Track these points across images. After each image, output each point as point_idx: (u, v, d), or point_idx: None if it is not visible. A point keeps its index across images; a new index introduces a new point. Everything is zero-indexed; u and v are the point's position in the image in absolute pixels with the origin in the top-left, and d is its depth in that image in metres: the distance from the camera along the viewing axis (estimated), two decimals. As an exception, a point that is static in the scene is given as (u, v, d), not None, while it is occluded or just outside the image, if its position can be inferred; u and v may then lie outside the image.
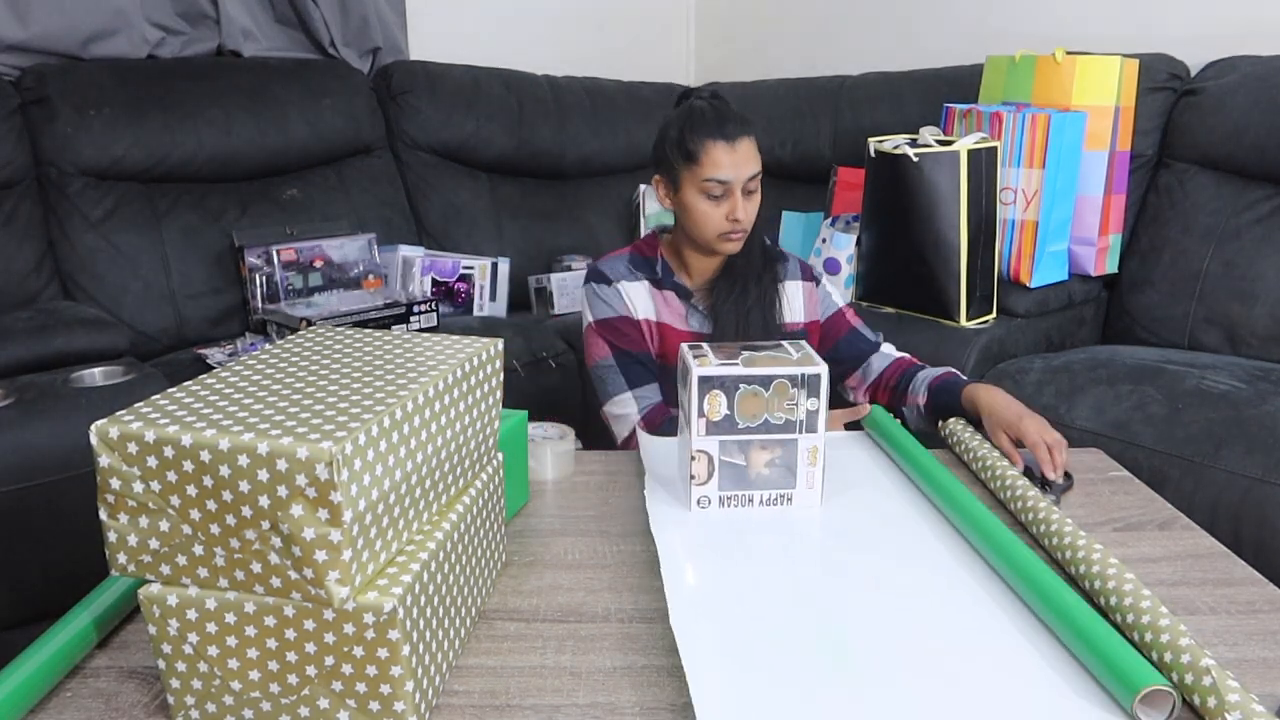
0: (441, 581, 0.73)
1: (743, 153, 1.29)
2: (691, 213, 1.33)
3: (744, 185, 1.30)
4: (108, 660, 0.79)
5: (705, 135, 1.29)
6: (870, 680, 0.73)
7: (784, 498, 1.03)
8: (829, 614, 0.83)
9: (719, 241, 1.33)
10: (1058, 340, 1.98)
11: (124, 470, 0.63)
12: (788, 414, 1.00)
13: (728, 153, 1.29)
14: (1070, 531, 0.92)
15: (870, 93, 2.53)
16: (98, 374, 1.53)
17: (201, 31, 2.26)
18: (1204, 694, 0.68)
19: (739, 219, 1.30)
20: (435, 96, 2.47)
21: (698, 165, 1.30)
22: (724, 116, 1.30)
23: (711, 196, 1.31)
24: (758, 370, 0.99)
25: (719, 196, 1.30)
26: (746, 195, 1.31)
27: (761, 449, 1.02)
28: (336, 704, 0.67)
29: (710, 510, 1.03)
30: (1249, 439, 1.40)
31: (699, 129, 1.30)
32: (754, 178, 1.31)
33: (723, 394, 0.99)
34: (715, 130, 1.29)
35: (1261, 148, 1.88)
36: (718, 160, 1.29)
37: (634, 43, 3.10)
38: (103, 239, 1.97)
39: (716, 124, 1.29)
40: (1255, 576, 0.91)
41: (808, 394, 1.00)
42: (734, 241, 1.34)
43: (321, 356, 0.79)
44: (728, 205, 1.30)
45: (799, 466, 1.02)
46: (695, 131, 1.30)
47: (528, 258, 2.54)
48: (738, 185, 1.30)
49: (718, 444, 1.01)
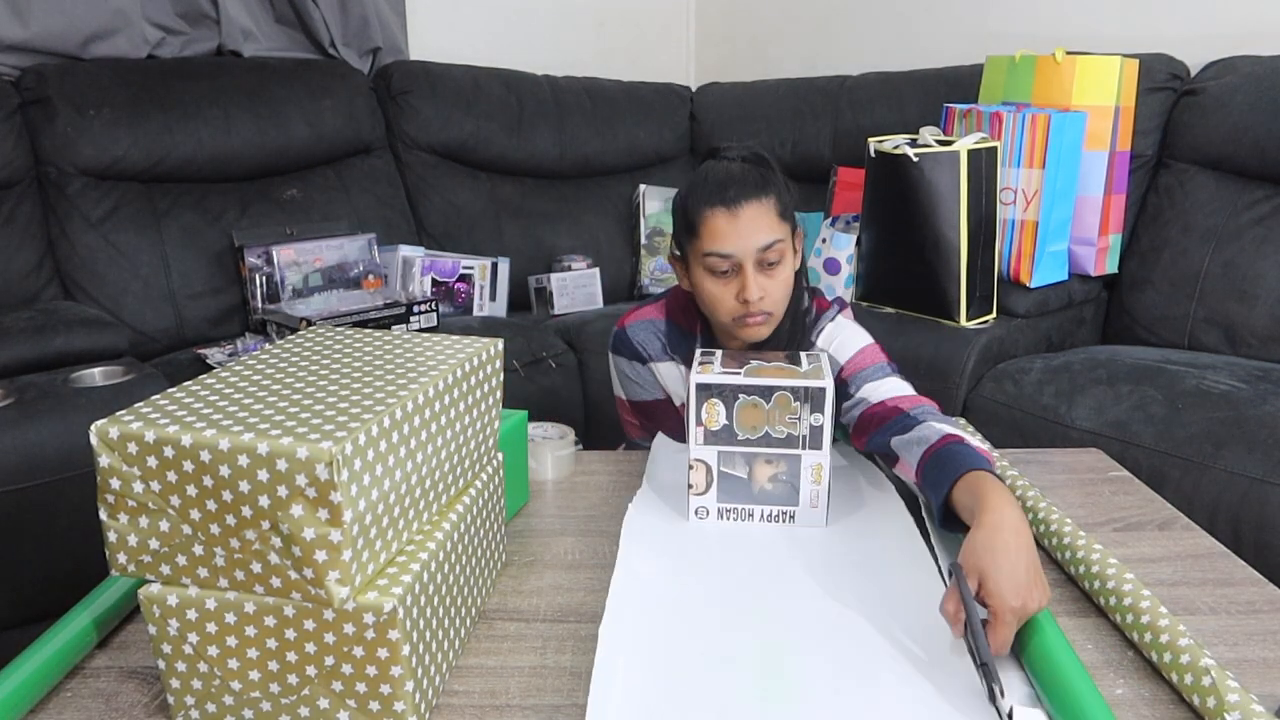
0: (441, 581, 0.73)
1: (747, 220, 1.07)
2: (700, 295, 1.13)
3: (756, 258, 1.07)
4: (108, 660, 0.79)
5: (703, 203, 1.08)
6: (787, 699, 0.71)
7: (786, 515, 1.00)
8: (777, 636, 0.79)
9: (738, 328, 1.11)
10: (1058, 340, 1.98)
11: (124, 470, 0.63)
12: (789, 428, 0.96)
13: (728, 221, 1.07)
14: (1070, 531, 0.92)
15: (870, 93, 2.53)
16: (98, 374, 1.53)
17: (201, 31, 2.26)
18: (1203, 694, 0.68)
19: (749, 299, 1.07)
20: (435, 96, 2.47)
21: (698, 239, 1.09)
22: (730, 178, 1.08)
23: (717, 273, 1.09)
24: (758, 380, 0.96)
25: (725, 273, 1.09)
26: (764, 269, 1.08)
27: (766, 463, 0.98)
28: (336, 704, 0.67)
29: (708, 521, 1.01)
30: (1249, 439, 1.40)
31: (698, 195, 1.09)
32: (770, 248, 1.07)
33: (721, 403, 0.96)
34: (715, 196, 1.08)
35: (1261, 148, 1.88)
36: (716, 231, 1.07)
37: (634, 43, 3.10)
38: (103, 239, 1.97)
39: (717, 188, 1.08)
40: (1255, 576, 0.91)
41: (811, 409, 0.95)
42: (753, 327, 1.10)
43: (321, 356, 0.79)
44: (737, 284, 1.08)
45: (802, 484, 0.98)
46: (695, 199, 1.10)
47: (528, 258, 2.53)
48: (746, 259, 1.07)
49: (716, 454, 0.98)
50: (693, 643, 0.79)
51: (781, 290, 1.10)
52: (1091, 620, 0.84)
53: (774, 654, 0.77)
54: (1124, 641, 0.80)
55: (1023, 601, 0.74)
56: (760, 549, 0.96)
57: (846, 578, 0.90)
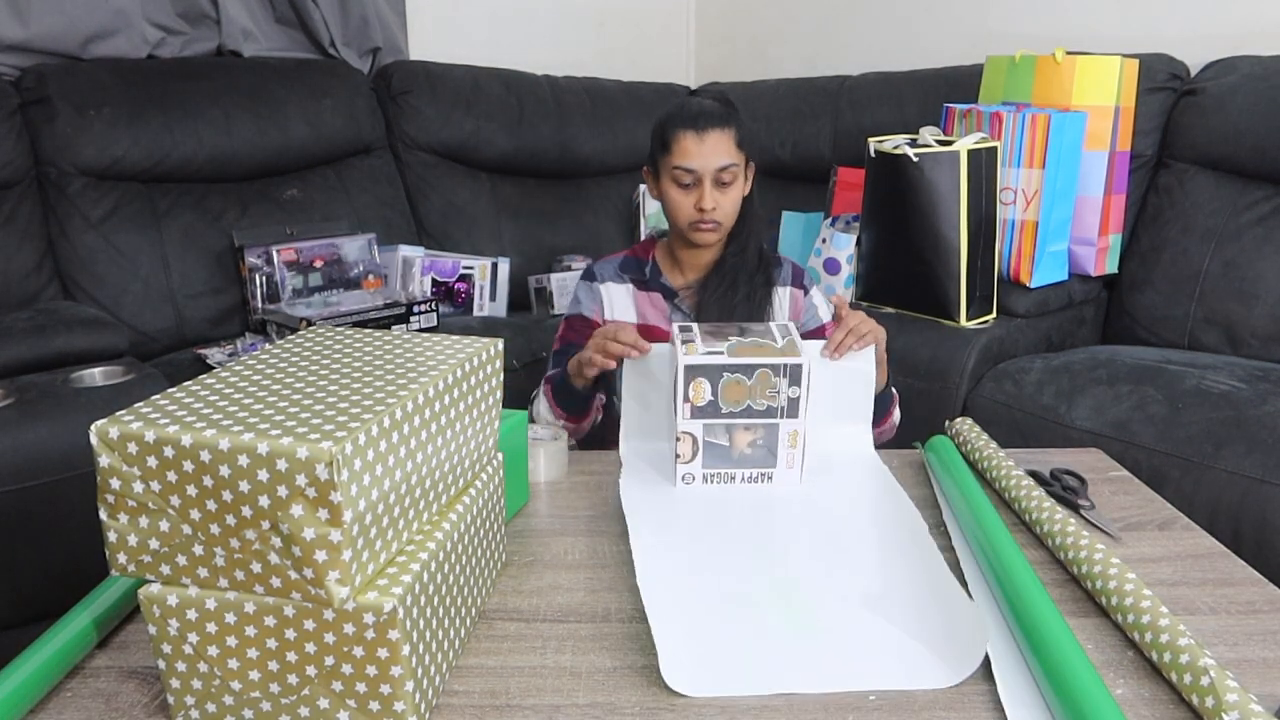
0: (441, 581, 0.73)
1: (711, 144, 1.32)
2: (665, 201, 1.38)
3: (715, 176, 1.33)
4: (108, 660, 0.79)
5: (677, 125, 1.34)
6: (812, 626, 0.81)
7: (765, 476, 1.10)
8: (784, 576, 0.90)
9: (691, 231, 1.36)
10: (1058, 340, 1.98)
11: (124, 470, 0.63)
12: (770, 400, 1.07)
13: (695, 142, 1.32)
14: (1073, 532, 0.92)
15: (870, 93, 2.53)
16: (98, 374, 1.53)
17: (201, 31, 2.26)
18: (1202, 694, 0.68)
19: (704, 208, 1.33)
20: (435, 96, 2.47)
21: (670, 154, 1.34)
22: (701, 109, 1.34)
23: (681, 185, 1.34)
24: (741, 360, 1.05)
25: (688, 185, 1.34)
26: (720, 187, 1.34)
27: (745, 430, 1.08)
28: (336, 704, 0.67)
29: (694, 486, 1.10)
30: (1249, 439, 1.40)
31: (674, 119, 1.35)
32: (726, 169, 1.33)
33: (707, 381, 1.06)
34: (688, 121, 1.33)
35: (1261, 148, 1.88)
36: (686, 149, 1.33)
37: (634, 43, 3.10)
38: (103, 239, 1.97)
39: (691, 115, 1.33)
40: (1255, 576, 0.91)
41: (789, 383, 1.06)
42: (705, 232, 1.35)
43: (321, 356, 0.79)
44: (696, 194, 1.33)
45: (780, 448, 1.09)
46: (671, 122, 1.35)
47: (528, 258, 2.54)
48: (706, 175, 1.32)
49: (702, 426, 1.08)
50: (715, 586, 0.88)
51: (731, 207, 1.35)
52: (1092, 620, 0.84)
53: (786, 591, 0.87)
54: (1124, 641, 0.80)
55: (859, 316, 1.16)
56: (748, 506, 1.06)
57: (832, 522, 1.02)
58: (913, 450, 1.25)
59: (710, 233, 1.36)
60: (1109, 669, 0.76)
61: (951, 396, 1.75)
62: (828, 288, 2.07)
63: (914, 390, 1.78)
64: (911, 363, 1.80)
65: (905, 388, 1.80)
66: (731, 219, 1.37)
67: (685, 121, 1.33)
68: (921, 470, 1.19)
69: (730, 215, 1.37)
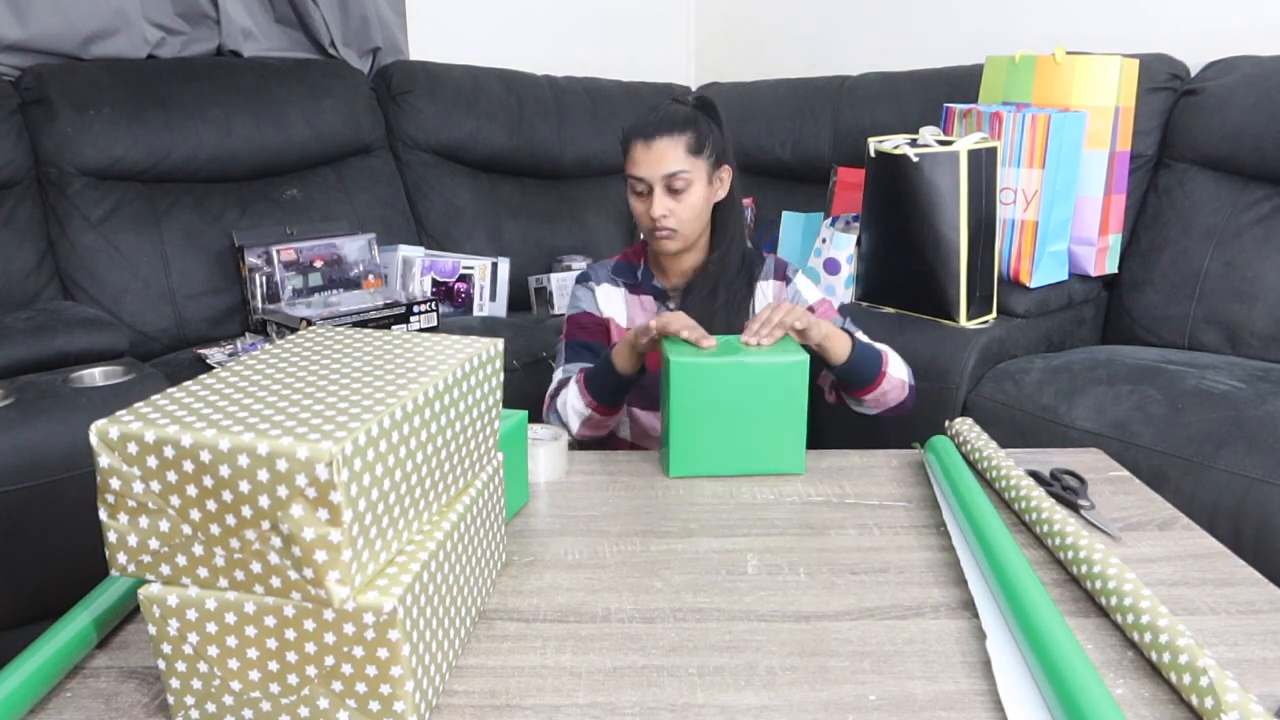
0: (441, 581, 0.73)
1: (657, 151, 1.32)
2: (631, 209, 1.40)
3: (664, 183, 1.33)
4: (108, 660, 0.79)
5: (630, 134, 1.35)
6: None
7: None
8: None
9: (652, 239, 1.37)
10: (1058, 340, 1.98)
11: (124, 470, 0.63)
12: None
13: (643, 150, 1.33)
14: (1073, 532, 0.92)
15: (870, 93, 2.53)
16: (98, 374, 1.53)
17: (201, 31, 2.26)
18: (1202, 694, 0.68)
19: (654, 216, 1.33)
20: (435, 96, 2.47)
21: (626, 162, 1.36)
22: (654, 118, 1.35)
23: (636, 193, 1.36)
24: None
25: (641, 193, 1.35)
26: (671, 194, 1.33)
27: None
28: (336, 704, 0.67)
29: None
30: (1249, 439, 1.40)
31: (630, 128, 1.36)
32: (675, 176, 1.32)
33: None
34: (638, 130, 1.34)
35: (1261, 148, 1.88)
36: (634, 158, 1.34)
37: (634, 43, 3.10)
38: (103, 239, 1.97)
39: (642, 124, 1.35)
40: (1255, 576, 0.91)
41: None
42: (663, 240, 1.36)
43: (321, 356, 0.79)
44: (648, 202, 1.34)
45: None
46: (627, 131, 1.37)
47: (528, 258, 2.53)
48: (655, 183, 1.33)
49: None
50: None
51: (687, 213, 1.34)
52: (1092, 620, 0.84)
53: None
54: (1124, 641, 0.80)
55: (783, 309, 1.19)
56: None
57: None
58: (913, 450, 1.25)
59: (667, 240, 1.36)
60: (1109, 669, 0.76)
61: (951, 396, 1.75)
62: (828, 288, 2.07)
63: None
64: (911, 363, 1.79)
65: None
66: (690, 225, 1.36)
67: (636, 130, 1.35)
68: (921, 470, 1.19)
69: (687, 222, 1.35)
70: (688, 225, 1.35)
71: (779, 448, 1.15)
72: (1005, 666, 0.75)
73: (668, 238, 1.35)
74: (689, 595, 0.89)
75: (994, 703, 0.72)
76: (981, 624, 0.81)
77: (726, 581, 0.91)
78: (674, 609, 0.86)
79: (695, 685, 0.75)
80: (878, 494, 1.12)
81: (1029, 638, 0.75)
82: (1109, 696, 0.67)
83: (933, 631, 0.82)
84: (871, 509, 1.08)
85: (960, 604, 0.87)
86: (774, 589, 0.90)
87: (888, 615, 0.85)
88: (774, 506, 1.08)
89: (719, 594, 0.89)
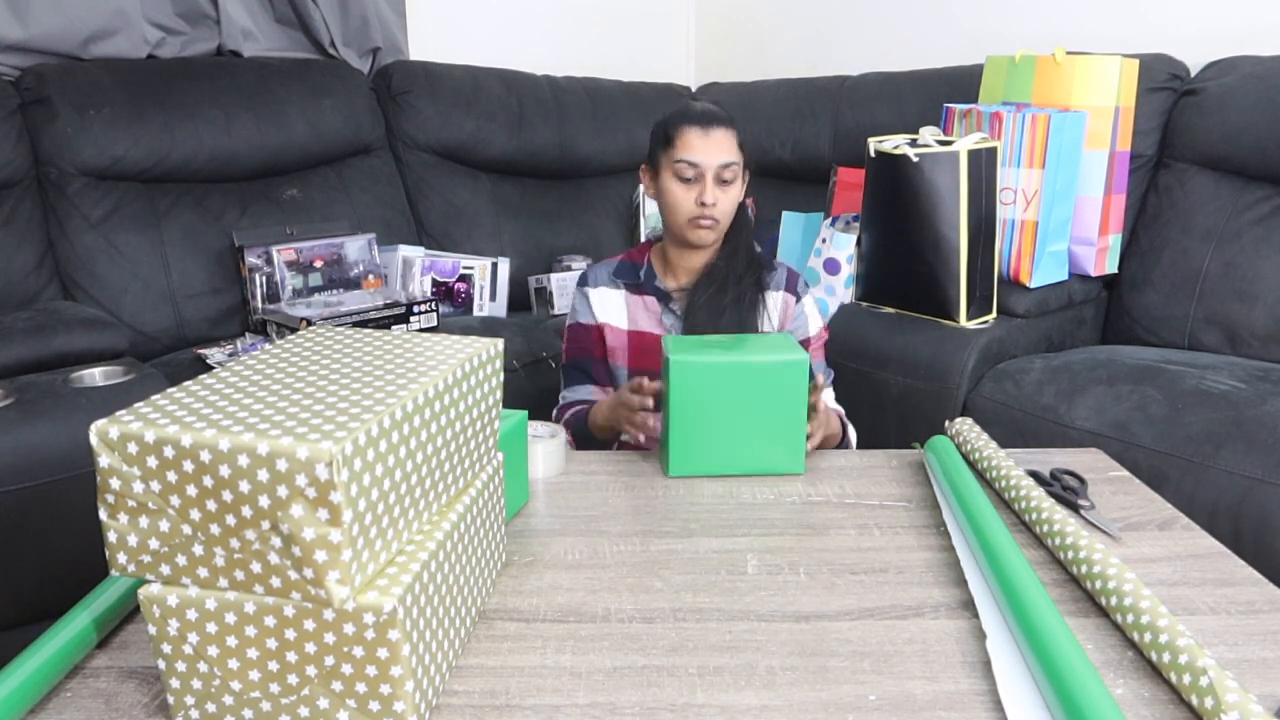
0: (441, 581, 0.73)
1: (716, 140, 1.34)
2: (665, 195, 1.38)
3: (717, 173, 1.34)
4: (108, 660, 0.79)
5: (682, 121, 1.36)
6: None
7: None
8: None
9: (689, 228, 1.36)
10: (1058, 340, 1.98)
11: (124, 470, 0.63)
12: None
13: (700, 137, 1.34)
14: (1073, 532, 0.92)
15: (870, 93, 2.53)
16: (98, 374, 1.53)
17: (201, 31, 2.26)
18: (1202, 694, 0.68)
19: (706, 203, 1.33)
20: (435, 96, 2.47)
21: (673, 148, 1.36)
22: (706, 110, 1.37)
23: (683, 179, 1.35)
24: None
25: (690, 180, 1.35)
26: (721, 185, 1.35)
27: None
28: (336, 704, 0.67)
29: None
30: (1249, 439, 1.40)
31: (679, 116, 1.37)
32: (728, 167, 1.34)
33: None
34: (694, 118, 1.36)
35: (1261, 148, 1.88)
36: (690, 143, 1.34)
37: (634, 43, 3.10)
38: (103, 239, 1.97)
39: (697, 114, 1.36)
40: (1255, 576, 0.91)
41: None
42: (703, 230, 1.36)
43: (321, 356, 0.79)
44: (698, 189, 1.34)
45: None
46: (675, 118, 1.37)
47: (528, 258, 2.54)
48: (709, 170, 1.34)
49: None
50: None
51: (730, 205, 1.36)
52: (1092, 620, 0.84)
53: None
54: (1124, 641, 0.80)
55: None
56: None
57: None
58: (913, 450, 1.25)
59: (708, 230, 1.36)
60: (1109, 669, 0.76)
61: (951, 396, 1.75)
62: (827, 288, 2.08)
63: (914, 390, 1.79)
64: (911, 363, 1.80)
65: (905, 388, 1.81)
66: (729, 218, 1.38)
67: (691, 118, 1.35)
68: (921, 470, 1.19)
69: (728, 214, 1.37)
70: (727, 217, 1.38)
71: (779, 447, 1.15)
72: (1005, 666, 0.75)
73: (710, 227, 1.36)
74: (689, 595, 0.89)
75: (994, 703, 0.72)
76: (981, 624, 0.81)
77: (726, 581, 0.91)
78: (674, 609, 0.86)
79: (695, 685, 0.75)
80: (878, 494, 1.12)
81: (1029, 638, 0.75)
82: (1109, 696, 0.67)
83: (933, 631, 0.82)
84: (871, 509, 1.08)
85: (960, 604, 0.87)
86: (774, 589, 0.90)
87: (888, 615, 0.85)
88: (774, 506, 1.08)
89: (719, 594, 0.89)
